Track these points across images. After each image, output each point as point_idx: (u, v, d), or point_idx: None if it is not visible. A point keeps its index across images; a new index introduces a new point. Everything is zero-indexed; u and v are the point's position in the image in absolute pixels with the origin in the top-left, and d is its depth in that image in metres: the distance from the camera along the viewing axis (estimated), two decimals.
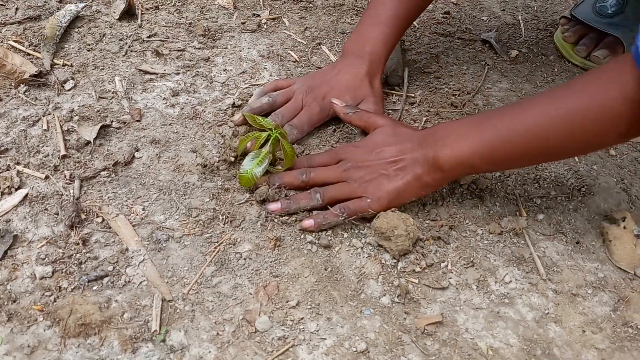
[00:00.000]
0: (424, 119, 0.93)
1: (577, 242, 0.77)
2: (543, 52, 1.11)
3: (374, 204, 0.75)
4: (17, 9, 1.08)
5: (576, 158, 0.88)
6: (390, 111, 0.94)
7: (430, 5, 1.21)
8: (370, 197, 0.75)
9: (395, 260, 0.73)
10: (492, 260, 0.74)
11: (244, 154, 0.79)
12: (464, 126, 0.74)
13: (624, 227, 0.77)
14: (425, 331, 0.67)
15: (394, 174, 0.75)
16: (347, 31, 1.12)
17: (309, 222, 0.74)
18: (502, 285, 0.72)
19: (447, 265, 0.73)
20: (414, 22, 1.15)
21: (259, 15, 1.14)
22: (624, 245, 0.75)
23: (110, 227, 0.73)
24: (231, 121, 0.88)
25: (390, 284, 0.71)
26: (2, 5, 1.08)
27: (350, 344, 0.65)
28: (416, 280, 0.71)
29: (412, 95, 0.98)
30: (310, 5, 1.18)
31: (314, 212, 0.76)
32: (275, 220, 0.76)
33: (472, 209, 0.80)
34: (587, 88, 0.66)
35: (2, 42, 1.00)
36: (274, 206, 0.76)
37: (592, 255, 0.76)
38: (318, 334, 0.65)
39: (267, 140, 0.78)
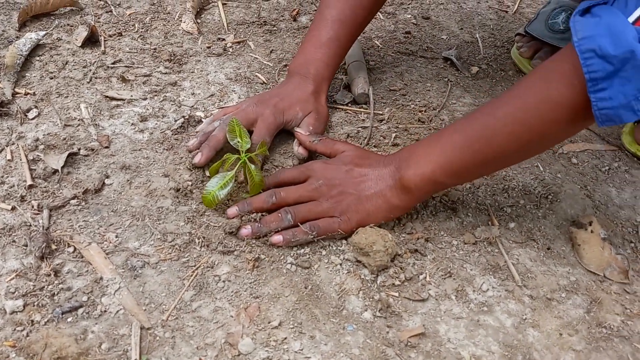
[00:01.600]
0: (394, 134, 0.94)
1: (548, 248, 0.79)
2: (502, 67, 1.15)
3: (343, 225, 0.75)
4: None
5: (540, 167, 0.91)
6: (360, 129, 0.95)
7: (392, 25, 1.24)
8: (340, 217, 0.76)
9: (375, 275, 0.73)
10: (469, 270, 0.75)
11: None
12: (424, 146, 0.76)
13: (591, 231, 0.79)
14: (409, 343, 0.67)
15: (363, 196, 0.76)
16: None
17: (277, 238, 0.74)
18: (480, 293, 0.73)
19: (425, 277, 0.74)
20: (377, 42, 1.18)
21: (224, 39, 1.14)
22: (592, 248, 0.78)
23: (82, 257, 0.72)
24: (186, 147, 0.86)
25: (371, 299, 0.71)
26: None
27: None
28: (396, 294, 0.72)
29: (380, 112, 0.99)
30: (275, 28, 1.19)
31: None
32: (253, 242, 0.75)
33: (446, 221, 0.81)
34: (529, 86, 0.69)
35: None
36: (244, 232, 0.75)
37: (563, 260, 0.78)
38: (302, 353, 0.65)
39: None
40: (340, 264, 0.74)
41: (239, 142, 0.80)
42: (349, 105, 1.01)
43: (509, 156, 0.73)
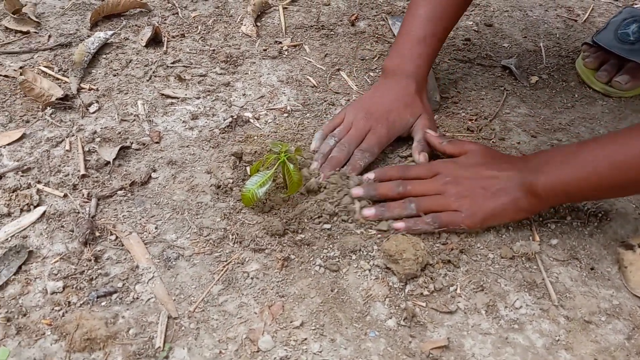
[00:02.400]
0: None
1: (592, 268, 0.75)
2: (564, 78, 1.10)
3: (467, 220, 0.75)
4: (49, 36, 1.13)
5: None
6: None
7: (451, 32, 1.22)
8: (465, 212, 0.75)
9: (403, 283, 0.72)
10: (503, 285, 0.73)
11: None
12: (561, 154, 0.74)
13: None
14: (431, 355, 0.65)
15: (491, 194, 0.76)
16: (367, 57, 1.13)
17: (399, 225, 0.76)
18: (512, 310, 0.70)
19: (456, 289, 0.72)
20: None
21: (280, 43, 1.16)
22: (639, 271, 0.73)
23: (122, 245, 0.75)
24: (310, 172, 0.84)
25: (397, 307, 0.70)
26: (36, 32, 1.14)
27: None
28: (423, 304, 0.71)
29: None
30: (332, 32, 1.20)
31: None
32: (285, 241, 0.76)
33: (484, 233, 0.79)
34: None
35: (33, 67, 1.05)
36: (368, 212, 0.77)
37: (607, 281, 0.74)
38: (321, 355, 0.65)
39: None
40: (369, 270, 0.74)
41: (279, 147, 0.81)
42: None
43: None
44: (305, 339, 0.66)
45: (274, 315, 0.68)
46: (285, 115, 0.97)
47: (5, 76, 1.02)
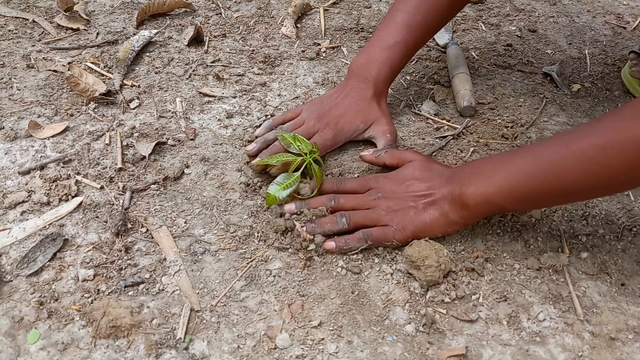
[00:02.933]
0: (472, 149, 0.92)
1: (623, 284, 0.73)
2: (608, 87, 1.07)
3: (398, 234, 0.75)
4: (98, 33, 1.18)
5: (631, 196, 0.84)
6: (437, 140, 0.94)
7: (493, 37, 1.20)
8: (395, 226, 0.75)
9: (425, 290, 0.72)
10: (527, 297, 0.71)
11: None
12: (490, 164, 0.73)
13: None
14: None
15: (421, 208, 0.75)
16: None
17: (330, 244, 0.75)
18: (534, 322, 0.69)
19: (478, 298, 0.71)
20: (473, 53, 1.15)
21: (319, 44, 1.17)
22: None
23: (152, 237, 0.77)
24: (245, 152, 0.88)
25: (416, 313, 0.70)
26: (85, 30, 1.18)
27: None
28: (444, 311, 0.70)
29: (463, 125, 0.96)
30: (371, 35, 1.20)
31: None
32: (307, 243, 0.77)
33: (511, 242, 0.77)
34: (613, 123, 0.63)
35: (80, 63, 1.09)
36: (300, 229, 0.76)
37: (637, 298, 0.71)
38: (337, 356, 0.65)
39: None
40: (391, 274, 0.74)
41: (299, 145, 0.82)
42: (434, 116, 0.99)
43: (580, 193, 0.68)
44: (323, 339, 0.67)
45: (293, 313, 0.69)
46: None
47: (55, 71, 1.07)
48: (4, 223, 0.78)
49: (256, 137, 0.90)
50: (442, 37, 1.18)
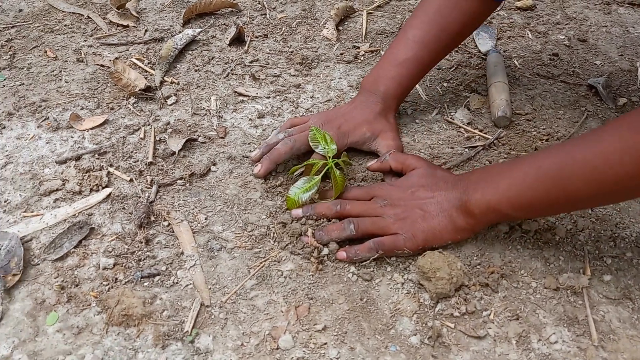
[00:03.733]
0: (501, 160, 0.89)
1: None
2: None
3: (409, 242, 0.74)
4: (146, 30, 1.22)
5: None
6: (466, 150, 0.92)
7: (539, 45, 1.17)
8: (405, 234, 0.74)
9: (435, 302, 0.71)
10: (541, 317, 0.69)
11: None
12: (495, 172, 0.72)
13: None
14: None
15: (429, 215, 0.75)
16: (443, 67, 1.11)
17: (341, 254, 0.75)
18: (545, 344, 0.67)
19: (489, 315, 0.70)
20: (516, 62, 1.12)
21: (358, 47, 1.17)
22: None
23: (173, 231, 0.80)
24: (249, 157, 0.89)
25: (423, 325, 0.69)
26: (134, 27, 1.23)
27: None
28: (452, 325, 0.69)
29: (489, 135, 0.94)
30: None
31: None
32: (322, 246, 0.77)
33: (530, 260, 0.75)
34: (614, 132, 0.62)
35: (126, 58, 1.13)
36: (306, 238, 0.77)
37: None
38: None
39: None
40: (402, 284, 0.73)
41: (325, 147, 0.83)
42: (467, 125, 0.97)
43: (583, 201, 0.67)
44: (325, 343, 0.67)
45: (299, 316, 0.70)
46: None
47: (102, 65, 1.12)
48: (38, 209, 0.83)
49: (260, 144, 0.91)
50: (484, 44, 1.16)
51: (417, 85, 1.06)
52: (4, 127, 0.97)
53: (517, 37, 1.20)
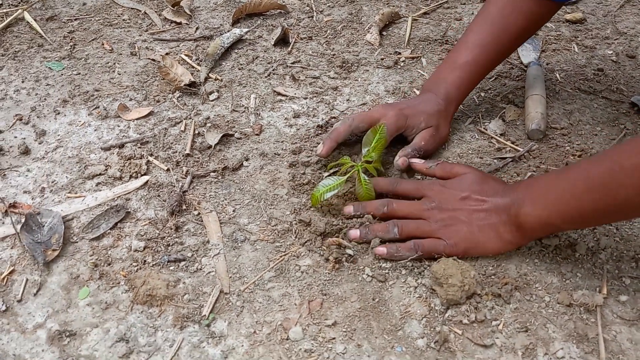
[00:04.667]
0: (529, 174, 0.89)
1: None
2: None
3: (449, 249, 0.75)
4: (197, 28, 1.28)
5: None
6: (495, 161, 0.92)
7: (584, 60, 1.15)
8: (447, 241, 0.76)
9: (445, 307, 0.72)
10: (550, 331, 0.69)
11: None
12: (544, 184, 0.73)
13: None
14: None
15: (475, 225, 0.76)
16: None
17: (381, 250, 0.77)
18: (551, 358, 0.67)
19: (498, 325, 0.70)
20: (558, 75, 1.11)
21: (399, 53, 1.19)
22: None
23: (202, 221, 0.84)
24: (316, 154, 0.90)
25: (432, 329, 0.71)
26: (186, 24, 1.29)
27: None
28: (460, 332, 0.70)
29: (528, 149, 0.94)
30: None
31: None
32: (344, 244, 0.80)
33: (547, 274, 0.75)
34: None
35: (176, 54, 1.19)
36: (353, 233, 0.80)
37: None
38: (344, 356, 0.68)
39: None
40: (415, 287, 0.75)
41: (368, 150, 0.85)
42: (500, 136, 0.97)
43: (633, 209, 0.66)
44: (334, 338, 0.70)
45: (311, 310, 0.73)
46: None
47: (153, 60, 1.18)
48: (81, 191, 0.89)
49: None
50: (527, 55, 1.15)
51: None
52: (59, 113, 1.04)
53: (563, 50, 1.18)
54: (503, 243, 0.75)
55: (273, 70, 1.14)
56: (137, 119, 1.02)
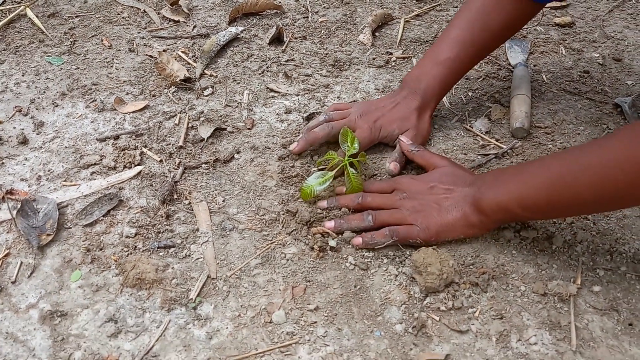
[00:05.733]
0: None
1: (630, 324, 0.71)
2: None
3: (422, 233, 0.78)
4: (194, 26, 1.31)
5: None
6: (479, 157, 0.95)
7: (570, 62, 1.18)
8: (419, 226, 0.79)
9: (424, 295, 0.75)
10: (525, 319, 0.72)
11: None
12: (508, 173, 0.77)
13: None
14: None
15: (443, 209, 0.79)
16: (471, 77, 1.14)
17: (357, 240, 0.80)
18: (524, 344, 0.69)
19: (474, 312, 0.73)
20: (544, 77, 1.13)
21: (391, 53, 1.21)
22: None
23: (192, 210, 0.87)
24: (289, 150, 0.95)
25: (410, 315, 0.73)
26: (184, 22, 1.32)
27: (348, 357, 0.69)
28: (437, 318, 0.72)
29: (510, 146, 0.97)
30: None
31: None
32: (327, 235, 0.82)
33: (523, 264, 0.78)
34: (616, 141, 0.65)
35: (173, 51, 1.22)
36: (328, 224, 0.82)
37: None
38: (323, 339, 0.71)
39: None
40: (396, 275, 0.77)
41: (347, 146, 0.88)
42: (484, 134, 1.00)
43: (586, 205, 0.70)
44: (315, 322, 0.72)
45: (294, 295, 0.75)
46: None
47: (150, 56, 1.21)
48: (76, 180, 0.92)
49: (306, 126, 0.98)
50: (515, 57, 1.18)
51: None
52: (57, 106, 1.07)
53: (550, 52, 1.21)
54: (469, 225, 0.78)
55: (267, 67, 1.17)
56: (132, 112, 1.05)
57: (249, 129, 1.02)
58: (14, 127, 1.02)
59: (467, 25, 0.94)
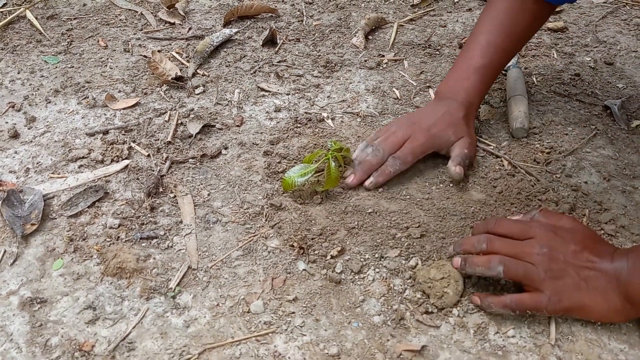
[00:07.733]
0: (498, 168, 0.92)
1: None
2: None
3: (551, 306, 0.67)
4: (190, 28, 1.32)
5: None
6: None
7: (562, 65, 1.18)
8: (551, 297, 0.67)
9: (404, 287, 0.75)
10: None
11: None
12: None
13: None
14: (401, 356, 0.67)
15: (584, 285, 0.67)
16: None
17: (475, 299, 0.72)
18: (502, 337, 0.69)
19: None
20: (535, 79, 1.14)
21: (383, 56, 1.22)
22: None
23: (177, 203, 0.87)
24: (346, 183, 0.89)
25: (389, 307, 0.73)
26: (180, 25, 1.33)
27: (325, 346, 0.68)
28: (416, 309, 0.72)
29: (494, 145, 0.97)
30: (437, 52, 1.23)
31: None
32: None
33: None
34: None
35: (167, 52, 1.23)
36: (455, 262, 0.73)
37: (622, 336, 0.68)
38: (300, 329, 0.70)
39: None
40: (377, 270, 0.77)
41: (332, 143, 0.88)
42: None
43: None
44: (293, 312, 0.72)
45: (274, 286, 0.75)
46: (359, 119, 1.03)
47: (144, 56, 1.22)
48: (64, 172, 0.92)
49: (351, 161, 0.90)
50: None
51: (433, 94, 1.09)
52: (49, 102, 1.08)
53: (542, 56, 1.21)
54: (610, 311, 0.67)
55: (259, 68, 1.18)
56: (123, 108, 1.06)
57: (237, 126, 1.02)
58: (6, 122, 1.04)
59: (495, 29, 0.93)
